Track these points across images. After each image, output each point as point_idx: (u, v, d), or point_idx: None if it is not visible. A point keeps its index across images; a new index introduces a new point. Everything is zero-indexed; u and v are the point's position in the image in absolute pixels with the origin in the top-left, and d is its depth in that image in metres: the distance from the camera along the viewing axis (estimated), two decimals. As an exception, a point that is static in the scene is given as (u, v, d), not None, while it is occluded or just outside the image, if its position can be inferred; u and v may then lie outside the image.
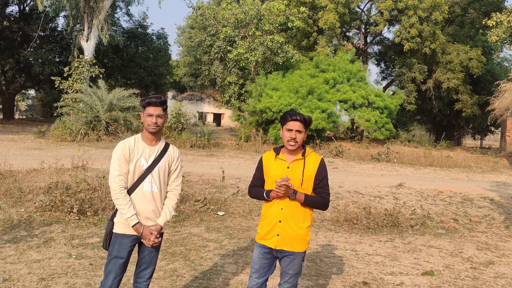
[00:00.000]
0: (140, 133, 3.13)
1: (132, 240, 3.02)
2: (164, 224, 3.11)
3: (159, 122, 3.00)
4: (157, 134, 3.08)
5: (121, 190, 2.94)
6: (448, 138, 27.08)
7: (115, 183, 2.94)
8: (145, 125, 3.02)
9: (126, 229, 3.00)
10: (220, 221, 6.80)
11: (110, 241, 3.06)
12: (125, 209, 2.93)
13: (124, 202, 2.93)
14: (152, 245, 3.00)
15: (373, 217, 7.15)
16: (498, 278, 4.99)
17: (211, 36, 23.70)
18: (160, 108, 3.00)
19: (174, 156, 3.15)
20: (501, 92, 17.80)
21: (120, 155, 2.97)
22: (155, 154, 3.06)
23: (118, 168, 2.96)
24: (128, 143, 3.01)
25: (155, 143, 3.09)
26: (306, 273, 4.76)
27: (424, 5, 23.61)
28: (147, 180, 3.02)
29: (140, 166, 3.01)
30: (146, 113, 3.00)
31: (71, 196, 6.52)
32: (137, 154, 3.01)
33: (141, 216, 3.00)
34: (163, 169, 3.08)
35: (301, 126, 2.95)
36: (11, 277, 4.15)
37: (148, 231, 2.99)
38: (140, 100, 3.01)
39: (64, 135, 16.87)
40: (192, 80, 44.14)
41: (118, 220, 3.03)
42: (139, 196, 3.00)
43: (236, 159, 14.48)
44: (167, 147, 3.14)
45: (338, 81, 21.21)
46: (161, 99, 3.01)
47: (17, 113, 50.90)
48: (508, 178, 13.88)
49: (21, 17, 29.89)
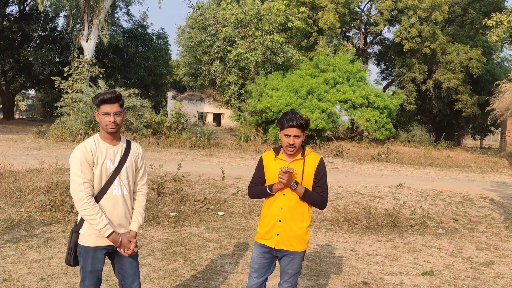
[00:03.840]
0: (98, 133, 2.85)
1: (105, 250, 2.79)
2: (138, 229, 2.91)
3: (117, 121, 2.72)
4: (117, 133, 2.81)
5: (89, 199, 2.64)
6: (448, 138, 27.06)
7: (80, 192, 2.63)
8: (103, 125, 2.73)
9: (98, 240, 2.73)
10: (220, 221, 6.80)
11: (75, 255, 2.79)
12: (97, 219, 2.64)
13: (94, 211, 2.64)
14: (131, 254, 2.79)
15: (373, 217, 7.16)
16: (498, 278, 4.99)
17: (211, 36, 23.70)
18: (117, 104, 2.72)
19: (138, 153, 2.92)
20: (501, 92, 17.78)
21: (82, 160, 2.66)
22: (120, 153, 2.81)
23: (81, 175, 2.64)
24: (89, 145, 2.71)
25: (117, 142, 2.82)
26: (306, 273, 4.76)
27: (424, 5, 23.61)
28: (116, 183, 2.76)
29: (107, 168, 2.73)
30: (102, 112, 2.70)
31: (71, 196, 6.51)
32: (101, 156, 2.72)
33: (113, 224, 2.75)
34: (130, 169, 2.84)
35: (298, 131, 2.91)
36: (11, 277, 4.15)
37: (127, 239, 2.77)
38: (92, 98, 2.85)
39: (64, 135, 16.86)
40: (192, 80, 44.15)
41: (87, 232, 2.73)
42: (109, 202, 2.74)
43: (236, 159, 14.48)
44: (129, 144, 2.90)
45: (338, 81, 21.20)
46: (116, 94, 2.73)
47: (17, 113, 50.94)
48: (508, 178, 13.88)
49: (21, 17, 29.88)
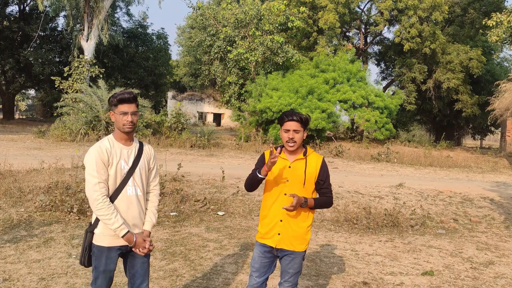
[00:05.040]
0: (111, 134, 2.88)
1: (120, 251, 2.82)
2: (151, 229, 2.95)
3: (134, 120, 2.77)
4: (132, 133, 2.85)
5: (104, 199, 2.67)
6: (448, 138, 27.05)
7: (95, 192, 2.66)
8: (119, 125, 2.76)
9: (113, 240, 2.76)
10: (220, 221, 6.80)
11: (89, 255, 2.82)
12: (112, 219, 2.67)
13: (109, 211, 2.67)
14: (146, 253, 2.83)
15: (373, 217, 7.16)
16: (498, 278, 4.99)
17: (211, 36, 23.70)
18: (134, 104, 2.78)
19: (150, 154, 2.96)
20: (501, 92, 17.78)
21: (98, 160, 2.70)
22: (133, 154, 2.85)
23: (96, 175, 2.67)
24: (104, 146, 2.75)
25: (130, 143, 2.86)
26: (306, 273, 4.76)
27: (424, 5, 23.60)
28: (130, 183, 2.79)
29: (121, 169, 2.77)
30: (120, 112, 2.74)
31: (71, 196, 6.52)
32: (116, 157, 2.76)
33: (128, 224, 2.78)
34: (144, 169, 2.88)
35: (298, 126, 2.93)
36: (11, 277, 4.15)
37: (141, 239, 2.80)
38: (110, 97, 2.91)
39: (64, 135, 16.87)
40: (192, 80, 44.16)
41: (102, 232, 2.77)
42: (124, 202, 2.77)
43: (236, 159, 14.48)
44: (142, 145, 2.94)
45: (338, 81, 21.20)
46: (133, 94, 2.79)
47: (17, 113, 50.97)
48: (508, 178, 13.88)
49: (21, 17, 29.89)
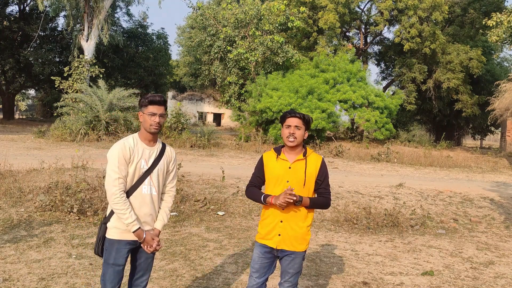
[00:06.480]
0: (136, 133, 2.99)
1: (129, 245, 2.90)
2: (162, 228, 3.03)
3: (161, 122, 2.88)
4: (157, 134, 2.95)
5: (121, 194, 2.78)
6: (448, 138, 27.05)
7: (114, 186, 2.77)
8: (146, 125, 2.86)
9: (123, 234, 2.86)
10: (220, 221, 6.80)
11: (103, 246, 2.92)
12: (126, 214, 2.77)
13: (125, 206, 2.77)
14: (152, 251, 2.91)
15: (373, 217, 7.16)
16: (498, 278, 4.99)
17: (211, 36, 23.70)
18: (163, 107, 2.90)
19: (171, 157, 3.05)
20: (501, 92, 17.79)
21: (120, 156, 2.79)
22: (155, 155, 2.94)
23: (117, 171, 2.78)
24: (128, 143, 2.84)
25: (153, 144, 2.96)
26: (306, 273, 4.76)
27: (424, 5, 23.60)
28: (146, 182, 2.89)
29: (140, 168, 2.87)
30: (149, 112, 2.85)
31: (71, 196, 6.52)
32: (137, 156, 2.86)
33: (139, 221, 2.87)
34: (162, 171, 2.97)
35: (299, 122, 2.96)
36: (11, 277, 4.15)
37: (150, 237, 2.89)
38: (141, 99, 2.96)
39: (64, 135, 16.86)
40: (192, 80, 44.13)
41: (114, 225, 2.87)
42: (138, 200, 2.87)
43: (236, 159, 14.48)
44: (164, 147, 3.03)
45: (338, 81, 21.20)
46: (163, 97, 2.92)
47: (17, 113, 50.93)
48: (508, 178, 13.88)
49: (21, 17, 29.87)
